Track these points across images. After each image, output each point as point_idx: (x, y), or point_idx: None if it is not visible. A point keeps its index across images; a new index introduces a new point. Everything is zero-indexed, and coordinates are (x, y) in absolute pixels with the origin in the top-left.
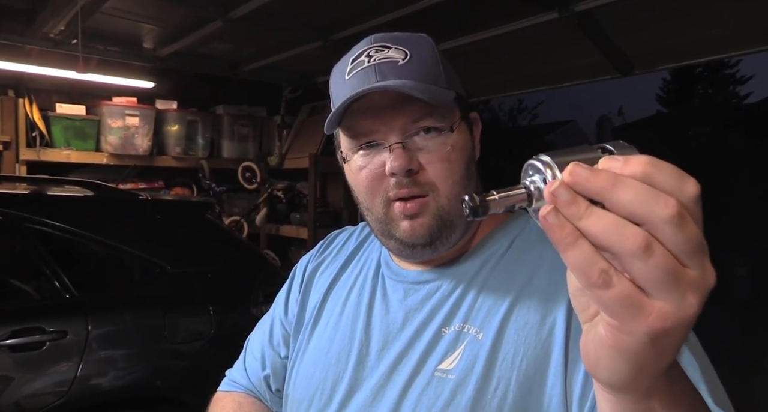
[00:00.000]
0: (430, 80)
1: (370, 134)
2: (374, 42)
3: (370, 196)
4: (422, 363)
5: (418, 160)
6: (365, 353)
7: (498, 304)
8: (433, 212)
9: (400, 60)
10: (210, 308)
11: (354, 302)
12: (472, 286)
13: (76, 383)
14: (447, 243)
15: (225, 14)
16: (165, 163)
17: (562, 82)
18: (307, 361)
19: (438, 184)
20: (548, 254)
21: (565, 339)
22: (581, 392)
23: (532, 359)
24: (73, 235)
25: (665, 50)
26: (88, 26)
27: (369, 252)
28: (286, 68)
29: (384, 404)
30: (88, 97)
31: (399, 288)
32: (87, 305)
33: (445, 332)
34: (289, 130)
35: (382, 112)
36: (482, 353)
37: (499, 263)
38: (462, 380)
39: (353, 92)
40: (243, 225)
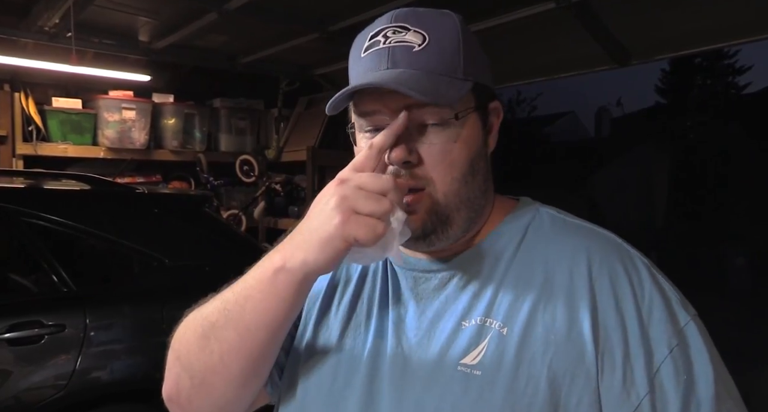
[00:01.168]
0: (444, 70)
1: (374, 115)
2: (394, 20)
3: None
4: (443, 357)
5: (418, 152)
6: (378, 345)
7: (521, 299)
8: (428, 208)
9: (416, 45)
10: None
11: (367, 292)
12: (491, 278)
13: (75, 377)
14: (443, 238)
15: (221, 6)
16: (162, 156)
17: (560, 72)
18: (319, 354)
19: (436, 180)
20: (568, 248)
21: (595, 340)
22: (618, 397)
23: (562, 357)
24: (71, 229)
25: (662, 40)
26: (83, 19)
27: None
28: (282, 61)
29: (407, 398)
30: (85, 91)
31: (408, 276)
32: (85, 298)
33: (465, 325)
34: (287, 123)
35: (388, 96)
36: (509, 349)
37: (517, 254)
38: (490, 377)
39: (365, 73)
40: (241, 218)
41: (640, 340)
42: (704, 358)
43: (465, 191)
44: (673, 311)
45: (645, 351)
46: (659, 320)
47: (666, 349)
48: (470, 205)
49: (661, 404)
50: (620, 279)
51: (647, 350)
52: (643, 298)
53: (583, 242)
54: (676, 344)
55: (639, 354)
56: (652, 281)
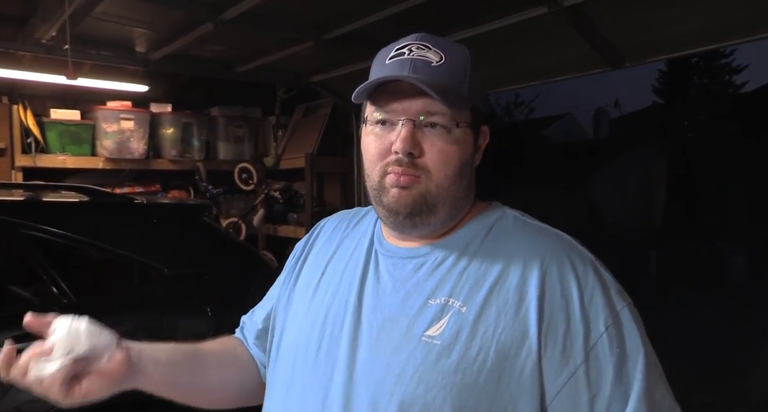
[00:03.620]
0: (452, 86)
1: (389, 112)
2: (419, 40)
3: (372, 165)
4: (410, 328)
5: (421, 146)
6: (357, 317)
7: (480, 284)
8: (422, 191)
9: (434, 62)
10: (208, 310)
11: (350, 272)
12: (457, 264)
13: None
14: (427, 224)
15: (216, 16)
16: (161, 166)
17: (554, 76)
18: (304, 323)
19: (432, 171)
20: (525, 244)
21: (539, 319)
22: (557, 367)
23: (509, 333)
24: (70, 240)
25: (654, 42)
26: (80, 31)
27: (363, 231)
28: (279, 69)
29: (379, 362)
30: (83, 102)
31: (389, 262)
32: (85, 309)
33: (431, 303)
34: (285, 131)
35: (405, 97)
36: (466, 325)
37: (481, 246)
38: (447, 346)
39: (388, 74)
40: (241, 226)
41: (581, 320)
42: (636, 336)
43: (452, 189)
44: (611, 298)
45: (584, 329)
46: (598, 304)
47: (603, 327)
48: (453, 202)
49: (596, 372)
50: (567, 270)
51: (586, 327)
52: (586, 286)
53: (539, 238)
54: (611, 323)
55: (579, 331)
56: (594, 272)
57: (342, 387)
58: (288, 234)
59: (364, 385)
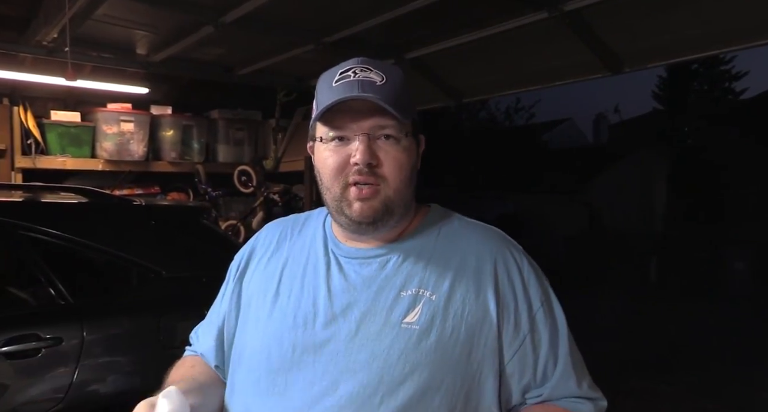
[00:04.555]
0: (397, 101)
1: (343, 130)
2: (360, 63)
3: (332, 179)
4: (388, 318)
5: (378, 156)
6: (330, 314)
7: (443, 275)
8: (382, 199)
9: (378, 81)
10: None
11: (311, 276)
12: (419, 261)
13: (73, 390)
14: (386, 225)
15: (217, 19)
16: (161, 168)
17: (554, 81)
18: (269, 327)
19: (389, 179)
20: (473, 241)
21: (496, 300)
22: (512, 337)
23: (474, 314)
24: (68, 242)
25: (653, 48)
26: (81, 33)
27: (312, 236)
28: (279, 72)
29: (362, 351)
30: (83, 104)
31: (353, 263)
32: (82, 311)
33: (403, 294)
34: (284, 134)
35: (357, 115)
36: (438, 310)
37: (436, 244)
38: (425, 329)
39: (340, 96)
40: (240, 229)
41: (524, 299)
42: (559, 308)
43: (405, 192)
44: (541, 279)
45: (527, 305)
46: (534, 285)
47: (539, 302)
48: (404, 204)
49: (537, 339)
50: (509, 259)
51: (528, 304)
52: (523, 272)
53: (482, 234)
54: (544, 300)
55: (524, 308)
56: (527, 260)
57: (327, 377)
58: None
59: (351, 372)
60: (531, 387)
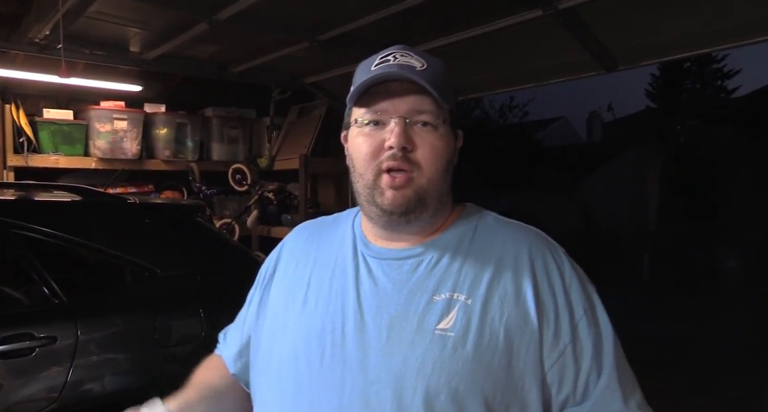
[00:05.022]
0: (436, 86)
1: (380, 111)
2: (401, 49)
3: (365, 164)
4: (421, 324)
5: (414, 142)
6: (360, 319)
7: (479, 277)
8: (415, 188)
9: (418, 66)
10: (201, 311)
11: (340, 280)
12: (454, 262)
13: (67, 389)
14: (419, 219)
15: (211, 16)
16: (154, 166)
17: (548, 79)
18: (297, 334)
19: (423, 166)
20: (510, 240)
21: (536, 305)
22: (551, 345)
23: (513, 319)
24: (62, 240)
25: (648, 46)
26: (74, 31)
27: (341, 238)
28: (274, 69)
29: (394, 360)
30: (76, 102)
31: (383, 264)
32: (76, 310)
33: (436, 299)
34: (279, 132)
35: (395, 97)
36: (474, 315)
37: (471, 244)
38: (461, 336)
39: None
40: (234, 227)
41: (565, 304)
42: (605, 317)
43: (440, 183)
44: (584, 285)
45: (569, 312)
46: (576, 290)
47: (582, 311)
48: (440, 197)
49: (579, 349)
50: (549, 261)
51: (570, 311)
52: (564, 275)
53: (521, 234)
54: (588, 306)
55: (565, 314)
56: (569, 263)
57: (358, 389)
58: (282, 235)
59: (383, 383)
60: (569, 403)
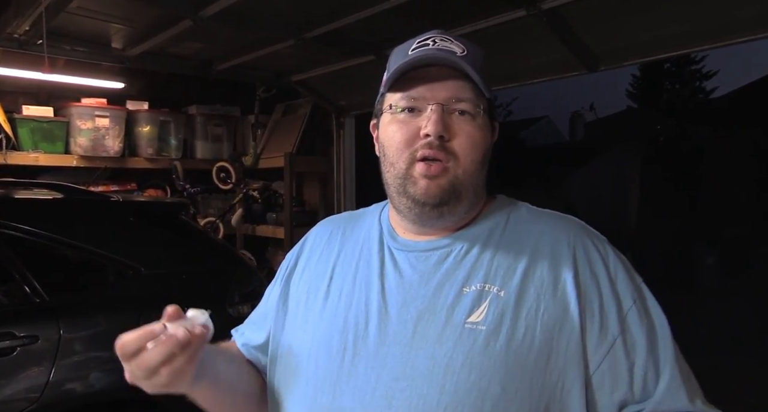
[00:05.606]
0: (478, 76)
1: (417, 97)
2: (440, 33)
3: (398, 152)
4: (449, 317)
5: (451, 130)
6: (385, 313)
7: (513, 267)
8: (450, 178)
9: (459, 52)
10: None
11: (364, 273)
12: (485, 252)
13: (49, 389)
14: (453, 213)
15: (195, 13)
16: (137, 164)
17: (532, 78)
18: (319, 329)
19: (461, 156)
20: (546, 228)
21: (578, 296)
22: (597, 339)
23: (551, 311)
24: (43, 238)
25: (629, 46)
26: (54, 26)
27: (367, 231)
28: (259, 67)
29: (420, 355)
30: (56, 99)
31: (410, 256)
32: (58, 309)
33: (466, 291)
34: (264, 130)
35: (434, 82)
36: (508, 308)
37: (504, 233)
38: (493, 330)
39: (418, 58)
40: (219, 226)
41: (611, 294)
42: (658, 309)
43: (476, 176)
44: (631, 273)
45: (615, 303)
46: (623, 280)
47: (630, 300)
48: (475, 190)
49: (631, 342)
50: (591, 250)
51: (617, 301)
52: (609, 263)
53: (559, 222)
54: (637, 297)
55: (611, 305)
56: (613, 252)
57: (381, 387)
58: (266, 234)
59: (408, 380)
60: (629, 402)
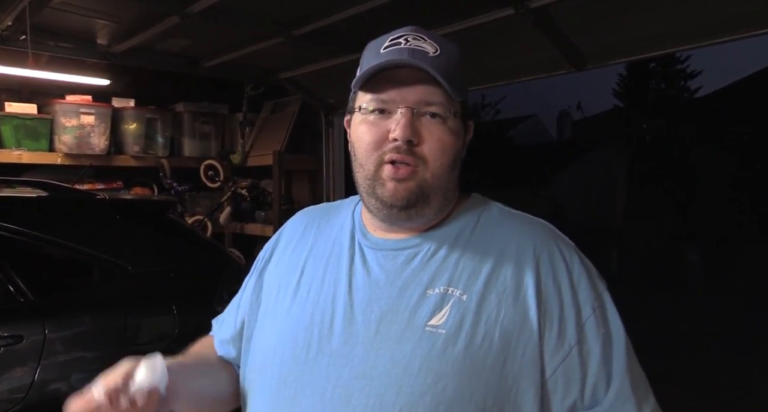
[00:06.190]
0: (448, 76)
1: (386, 101)
2: (413, 31)
3: (367, 154)
4: (411, 319)
5: (420, 134)
6: (350, 312)
7: (477, 270)
8: (418, 181)
9: (431, 52)
10: (174, 308)
11: (334, 269)
12: (452, 254)
13: (34, 389)
14: (421, 215)
15: (183, 9)
16: (123, 162)
17: (520, 76)
18: (286, 324)
19: (429, 161)
20: (514, 232)
21: (538, 304)
22: (554, 347)
23: (511, 317)
24: (27, 237)
25: (616, 45)
26: (38, 21)
27: (340, 226)
28: (247, 65)
29: (381, 356)
30: (40, 96)
31: (378, 255)
32: (44, 308)
33: (430, 293)
34: (252, 128)
35: (404, 86)
36: (469, 312)
37: (472, 235)
38: (452, 334)
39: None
40: (207, 224)
41: (572, 303)
42: (616, 318)
43: (445, 179)
44: (594, 282)
45: (575, 311)
46: (585, 288)
47: (590, 309)
48: (445, 193)
49: (587, 351)
50: (556, 257)
51: (576, 310)
52: (573, 271)
53: (526, 227)
54: (597, 306)
55: (571, 314)
56: (579, 259)
57: (341, 385)
58: (255, 232)
59: (367, 380)
60: (578, 408)
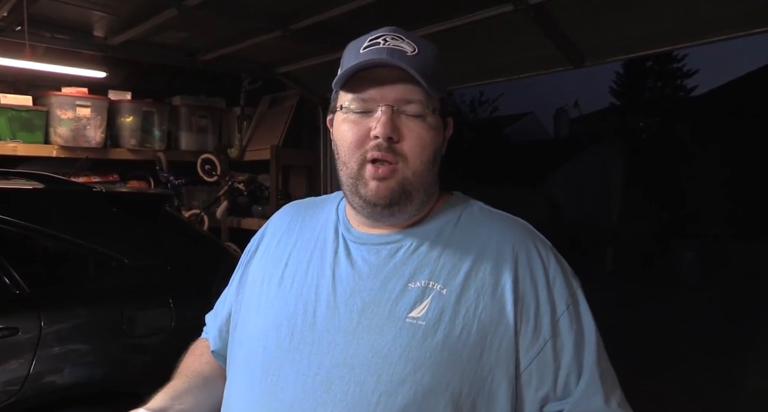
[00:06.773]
0: (426, 74)
1: (367, 98)
2: (392, 31)
3: (349, 152)
4: (393, 311)
5: (400, 132)
6: (333, 302)
7: (457, 266)
8: (399, 179)
9: (409, 52)
10: (170, 301)
11: (317, 262)
12: (433, 250)
13: (29, 381)
14: (404, 212)
15: (180, 2)
16: (120, 155)
17: (518, 73)
18: (270, 313)
19: (410, 157)
20: (494, 231)
21: (515, 299)
22: (530, 341)
23: (489, 311)
24: (23, 229)
25: (614, 43)
26: (34, 13)
27: (324, 220)
28: (245, 59)
29: (362, 345)
30: (35, 88)
31: (362, 249)
32: (39, 300)
33: (411, 286)
34: (249, 122)
35: (383, 85)
36: (448, 305)
37: (453, 233)
38: (432, 326)
39: (366, 64)
40: (203, 218)
41: (547, 299)
42: (588, 314)
43: (426, 175)
44: (569, 280)
45: (550, 308)
46: (560, 286)
47: (564, 306)
48: (426, 189)
49: (560, 345)
50: (534, 255)
51: (552, 306)
52: (549, 270)
53: (506, 226)
54: (571, 302)
55: (546, 310)
56: (555, 258)
57: (322, 372)
58: (252, 226)
59: (347, 368)
60: (550, 399)
